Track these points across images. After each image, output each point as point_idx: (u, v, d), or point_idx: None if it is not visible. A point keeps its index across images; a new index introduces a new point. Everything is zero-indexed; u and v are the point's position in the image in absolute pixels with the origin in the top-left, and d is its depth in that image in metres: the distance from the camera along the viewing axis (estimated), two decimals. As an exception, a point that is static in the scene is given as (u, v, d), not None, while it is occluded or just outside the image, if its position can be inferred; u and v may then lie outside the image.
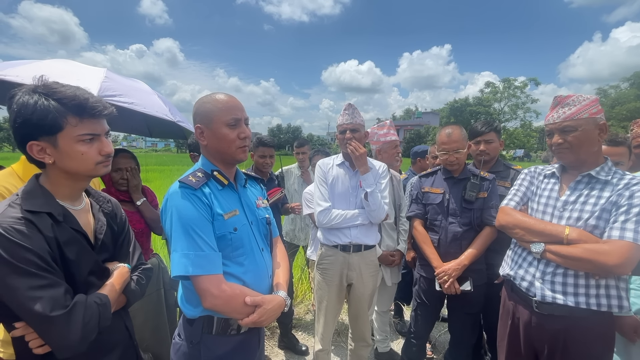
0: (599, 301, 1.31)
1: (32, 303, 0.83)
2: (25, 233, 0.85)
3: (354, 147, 1.96)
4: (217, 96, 1.19)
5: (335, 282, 2.07)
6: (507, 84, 45.11)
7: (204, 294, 1.07)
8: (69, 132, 0.93)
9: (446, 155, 2.04)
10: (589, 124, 1.35)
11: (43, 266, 0.86)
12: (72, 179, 1.00)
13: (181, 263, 1.05)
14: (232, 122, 1.16)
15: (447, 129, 2.07)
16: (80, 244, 0.99)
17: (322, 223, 2.03)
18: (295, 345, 2.87)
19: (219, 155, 1.21)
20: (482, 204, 1.99)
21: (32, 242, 0.85)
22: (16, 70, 1.73)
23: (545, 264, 1.41)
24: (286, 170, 3.38)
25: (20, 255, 0.83)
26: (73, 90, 0.94)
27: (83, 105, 0.94)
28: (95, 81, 1.87)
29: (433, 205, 2.10)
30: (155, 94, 2.40)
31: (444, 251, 2.02)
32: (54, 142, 0.92)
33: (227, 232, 1.14)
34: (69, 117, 0.92)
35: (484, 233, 1.98)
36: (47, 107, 0.89)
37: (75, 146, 0.94)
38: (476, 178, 2.02)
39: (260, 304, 1.13)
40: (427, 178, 2.22)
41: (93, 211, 1.10)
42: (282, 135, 76.57)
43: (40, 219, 0.90)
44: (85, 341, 0.89)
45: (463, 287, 1.94)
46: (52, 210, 0.93)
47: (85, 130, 0.95)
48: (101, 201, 1.17)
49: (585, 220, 1.34)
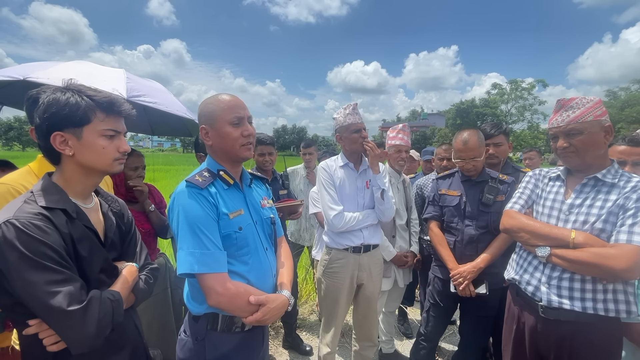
0: (607, 306, 1.29)
1: (50, 297, 0.84)
2: (43, 228, 0.87)
3: (372, 146, 1.96)
4: (219, 97, 1.22)
5: (346, 285, 2.06)
6: (514, 85, 44.68)
7: (208, 291, 1.09)
8: (95, 126, 0.99)
9: (463, 162, 2.01)
10: (594, 126, 1.33)
11: (60, 261, 0.88)
12: (87, 174, 1.03)
13: (187, 261, 1.07)
14: (235, 120, 1.19)
15: (463, 134, 2.01)
16: (92, 242, 1.01)
17: (337, 227, 1.99)
18: (299, 345, 2.88)
19: (224, 154, 1.23)
20: (500, 207, 1.93)
21: (49, 238, 0.87)
22: (46, 73, 1.82)
23: (551, 268, 1.40)
24: (292, 170, 3.40)
25: (39, 250, 0.85)
26: (103, 92, 1.03)
27: (112, 103, 1.01)
28: (121, 82, 1.94)
29: (450, 208, 2.08)
30: (170, 93, 2.47)
31: (459, 253, 2.01)
32: (78, 134, 0.98)
33: (232, 232, 1.16)
34: (97, 112, 0.99)
35: (501, 237, 1.94)
36: (80, 101, 0.96)
37: (98, 140, 1.00)
38: (494, 181, 2.00)
39: (264, 302, 1.15)
40: (444, 180, 2.19)
41: (103, 210, 1.13)
42: (287, 136, 76.70)
43: (55, 215, 0.92)
44: (100, 336, 0.91)
45: (478, 290, 1.93)
46: (66, 207, 0.96)
47: (110, 125, 1.02)
48: (110, 201, 1.19)
49: (591, 223, 1.32)
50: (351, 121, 2.02)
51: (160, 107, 2.05)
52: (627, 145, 1.78)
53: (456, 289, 1.95)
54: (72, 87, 1.00)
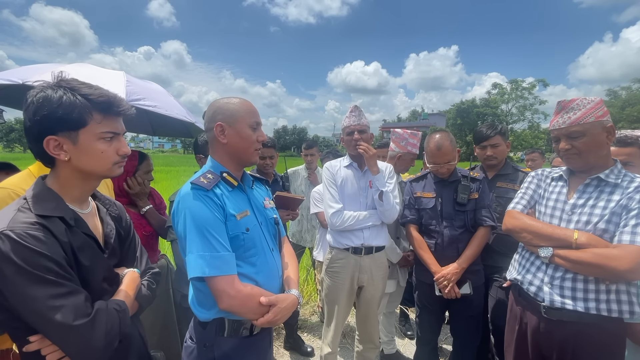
0: (610, 307, 1.28)
1: (54, 313, 0.78)
2: (41, 239, 0.80)
3: (364, 148, 1.97)
4: (240, 99, 1.24)
5: (347, 286, 2.06)
6: (514, 85, 44.67)
7: (220, 294, 1.07)
8: (92, 129, 0.90)
9: (437, 167, 2.02)
10: (596, 127, 1.32)
11: (62, 273, 0.81)
12: (84, 178, 0.96)
13: (197, 264, 1.05)
14: (254, 125, 1.22)
15: (435, 139, 2.00)
16: (93, 250, 0.95)
17: (335, 225, 2.02)
18: (300, 346, 2.88)
19: (236, 154, 1.23)
20: (475, 205, 1.99)
21: (48, 249, 0.80)
22: (45, 77, 1.80)
23: (553, 269, 1.39)
24: (293, 171, 3.40)
25: (38, 263, 0.78)
26: (98, 88, 0.93)
27: (110, 103, 0.92)
28: (120, 85, 1.94)
29: (426, 210, 2.09)
30: (170, 95, 2.46)
31: (441, 255, 2.01)
32: (74, 138, 0.89)
33: (239, 233, 1.15)
34: (94, 113, 0.90)
35: (478, 234, 1.97)
36: (74, 101, 0.86)
37: (96, 144, 0.92)
38: (466, 179, 2.02)
39: (274, 303, 1.14)
40: (417, 182, 2.20)
41: (101, 215, 1.07)
42: (288, 136, 76.79)
43: (53, 223, 0.85)
44: (109, 349, 0.87)
45: (462, 291, 1.94)
46: (64, 215, 0.89)
47: (108, 128, 0.93)
48: (108, 204, 1.12)
49: (594, 224, 1.32)
50: (347, 123, 2.06)
51: (159, 111, 2.03)
52: (615, 147, 1.78)
53: (441, 292, 1.95)
54: (64, 83, 0.89)
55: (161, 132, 3.11)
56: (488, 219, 1.96)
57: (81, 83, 0.91)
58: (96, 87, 0.92)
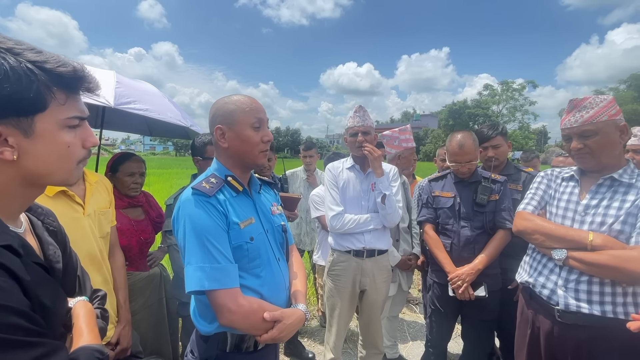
0: (627, 310, 1.25)
1: None
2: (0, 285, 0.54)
3: (369, 150, 1.92)
4: (239, 97, 1.15)
5: (348, 289, 2.01)
6: (505, 86, 45.40)
7: (220, 309, 0.99)
8: (54, 113, 0.62)
9: (458, 165, 1.98)
10: (609, 126, 1.29)
11: (33, 329, 0.57)
12: (32, 185, 0.66)
13: (196, 277, 0.98)
14: (256, 123, 1.12)
15: (458, 138, 1.97)
16: (51, 285, 0.69)
17: (335, 228, 1.98)
18: (301, 352, 2.80)
19: (240, 158, 1.15)
20: (494, 207, 1.94)
21: (10, 297, 0.55)
22: None
23: (568, 271, 1.36)
24: (291, 173, 3.33)
25: (2, 322, 0.52)
26: (53, 54, 0.63)
27: (77, 76, 0.64)
28: (109, 87, 1.79)
29: (444, 209, 2.05)
30: (164, 96, 2.36)
31: (456, 256, 1.97)
32: (26, 127, 0.60)
33: (243, 242, 1.08)
34: (55, 92, 0.61)
35: (497, 237, 1.92)
36: (27, 73, 0.57)
37: (60, 134, 0.63)
38: (487, 181, 1.98)
39: (279, 319, 1.06)
40: (436, 182, 2.17)
41: (37, 231, 0.76)
42: (281, 138, 76.66)
43: (4, 256, 0.58)
44: None
45: (477, 293, 1.88)
46: (10, 242, 0.60)
47: (75, 111, 0.65)
48: (41, 215, 0.81)
49: (609, 225, 1.29)
50: (350, 124, 2.02)
51: (151, 115, 1.92)
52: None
53: (455, 292, 1.91)
54: (3, 45, 0.58)
55: (158, 133, 3.01)
56: (509, 222, 1.90)
57: (26, 45, 0.60)
58: (49, 53, 0.62)
